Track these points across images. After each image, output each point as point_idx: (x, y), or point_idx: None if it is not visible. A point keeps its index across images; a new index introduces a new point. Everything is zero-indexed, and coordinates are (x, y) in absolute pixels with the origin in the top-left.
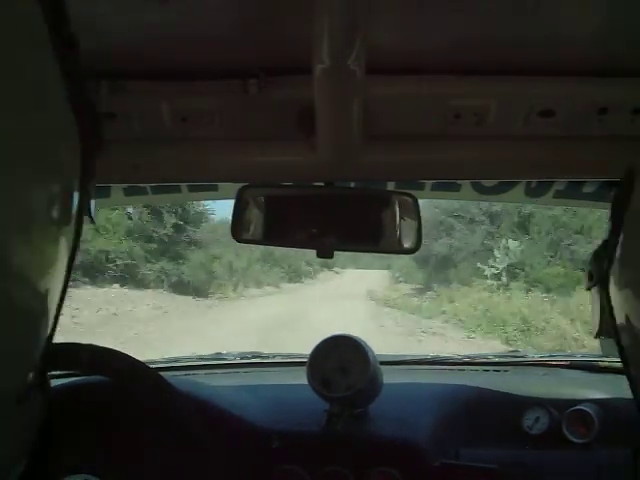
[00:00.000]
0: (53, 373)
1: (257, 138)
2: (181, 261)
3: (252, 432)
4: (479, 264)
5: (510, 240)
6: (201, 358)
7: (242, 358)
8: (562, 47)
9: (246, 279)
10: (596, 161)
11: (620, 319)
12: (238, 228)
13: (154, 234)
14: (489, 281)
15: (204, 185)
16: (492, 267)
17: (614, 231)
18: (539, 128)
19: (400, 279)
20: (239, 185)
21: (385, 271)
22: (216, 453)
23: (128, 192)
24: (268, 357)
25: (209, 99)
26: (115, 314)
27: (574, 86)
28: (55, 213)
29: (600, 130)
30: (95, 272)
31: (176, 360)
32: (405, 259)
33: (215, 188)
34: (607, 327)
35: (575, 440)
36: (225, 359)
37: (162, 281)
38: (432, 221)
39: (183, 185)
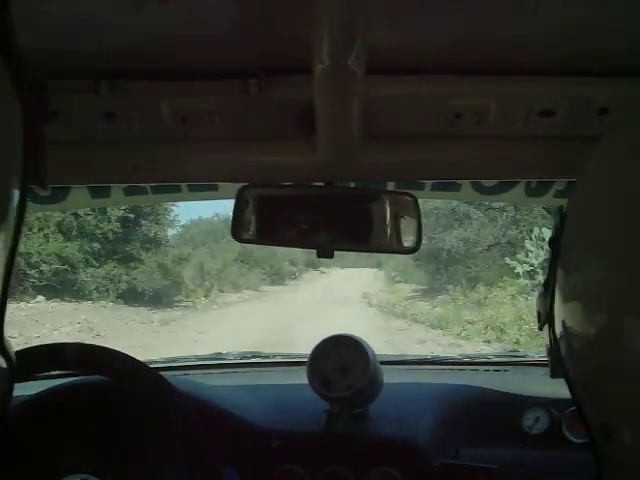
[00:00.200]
0: (53, 373)
1: (257, 138)
2: (133, 264)
3: (252, 432)
4: (507, 259)
5: (544, 228)
6: (201, 358)
7: (242, 358)
8: (562, 47)
9: (221, 283)
10: None
11: (569, 357)
12: (238, 228)
13: (96, 230)
14: (523, 280)
15: (204, 185)
16: (524, 263)
17: (552, 269)
18: (539, 128)
19: (398, 279)
20: (239, 185)
21: (375, 270)
22: (216, 453)
23: (128, 192)
24: (268, 357)
25: (209, 99)
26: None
27: (574, 86)
28: None
29: (600, 130)
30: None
31: (176, 360)
32: (399, 256)
33: (215, 188)
34: (559, 366)
35: (575, 440)
36: (225, 359)
37: (107, 290)
38: (443, 209)
39: (183, 185)
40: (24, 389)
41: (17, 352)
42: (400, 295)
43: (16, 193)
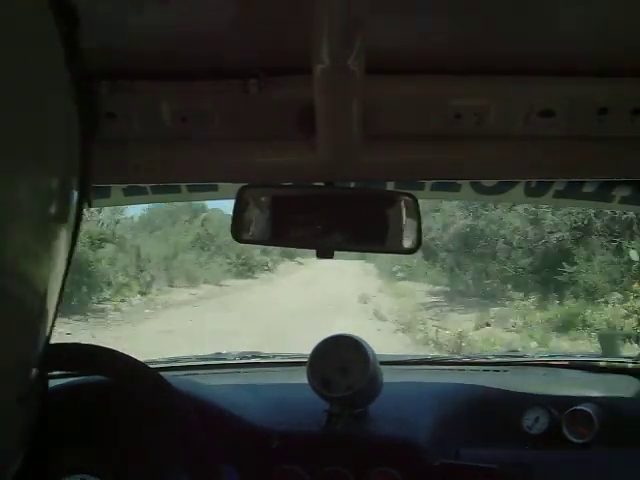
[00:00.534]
0: (53, 373)
1: (257, 138)
2: None
3: (252, 432)
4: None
5: None
6: (201, 358)
7: (242, 358)
8: (562, 47)
9: (170, 275)
10: (596, 161)
11: None
12: (238, 228)
13: None
14: None
15: (204, 185)
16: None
17: None
18: (539, 128)
19: (400, 275)
20: (239, 185)
21: (362, 262)
22: (216, 453)
23: (128, 192)
24: (268, 357)
25: (209, 99)
26: None
27: (574, 86)
28: (53, 213)
29: (600, 130)
30: None
31: (176, 360)
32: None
33: (215, 188)
34: None
35: (575, 440)
36: (225, 359)
37: None
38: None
39: (183, 185)
40: None
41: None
42: (411, 300)
43: (75, 195)
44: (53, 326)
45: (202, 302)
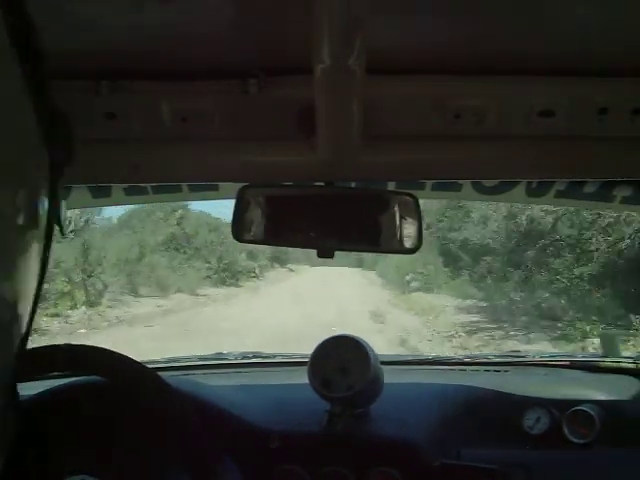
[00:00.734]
0: (51, 374)
1: (257, 138)
2: None
3: (252, 432)
4: None
5: None
6: (201, 358)
7: (242, 358)
8: (562, 47)
9: (134, 281)
10: (596, 161)
11: None
12: (238, 228)
13: None
14: None
15: (204, 185)
16: None
17: None
18: (539, 128)
19: (414, 285)
20: (239, 185)
21: (359, 270)
22: (216, 453)
23: (128, 192)
24: (269, 357)
25: (209, 99)
26: None
27: (574, 86)
28: (24, 219)
29: (600, 130)
30: None
31: (176, 360)
32: (390, 255)
33: (215, 188)
34: None
35: (575, 440)
36: (225, 359)
37: None
38: None
39: (183, 185)
40: (23, 390)
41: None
42: (441, 318)
43: (41, 186)
44: (28, 336)
45: (166, 318)
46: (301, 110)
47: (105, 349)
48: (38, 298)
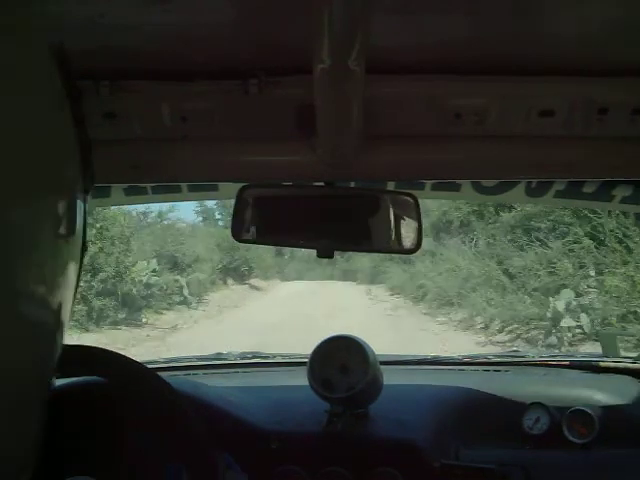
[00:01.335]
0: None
1: (257, 138)
2: None
3: (252, 432)
4: None
5: None
6: (201, 358)
7: (242, 358)
8: (562, 47)
9: None
10: (596, 161)
11: None
12: (238, 228)
13: None
14: None
15: (204, 185)
16: None
17: None
18: (539, 128)
19: (482, 325)
20: (239, 185)
21: (356, 284)
22: (216, 453)
23: (128, 192)
24: (268, 357)
25: (209, 99)
26: None
27: (574, 86)
28: (61, 223)
29: (600, 130)
30: None
31: (176, 360)
32: (385, 263)
33: (215, 188)
34: None
35: (575, 440)
36: (225, 359)
37: None
38: None
39: (183, 185)
40: None
41: None
42: None
43: (78, 196)
44: (63, 337)
45: None
46: (301, 110)
47: (104, 349)
48: (75, 298)
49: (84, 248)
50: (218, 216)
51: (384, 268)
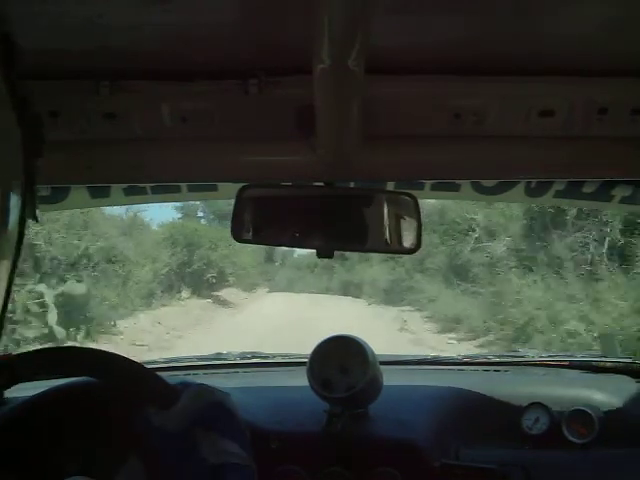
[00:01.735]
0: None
1: (257, 138)
2: None
3: (252, 432)
4: None
5: None
6: (201, 358)
7: (242, 358)
8: (562, 47)
9: None
10: (596, 161)
11: None
12: (238, 228)
13: None
14: None
15: (204, 185)
16: None
17: None
18: (539, 128)
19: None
20: (239, 185)
21: (352, 300)
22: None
23: (128, 192)
24: (268, 357)
25: (209, 99)
26: None
27: (574, 86)
28: None
29: (600, 130)
30: None
31: (176, 360)
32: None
33: (215, 188)
34: None
35: (575, 440)
36: (225, 359)
37: None
38: None
39: (183, 185)
40: (20, 391)
41: (13, 356)
42: None
43: (18, 194)
44: (1, 329)
45: None
46: (301, 110)
47: (104, 351)
48: (10, 292)
49: (20, 244)
50: (200, 214)
51: (412, 283)
